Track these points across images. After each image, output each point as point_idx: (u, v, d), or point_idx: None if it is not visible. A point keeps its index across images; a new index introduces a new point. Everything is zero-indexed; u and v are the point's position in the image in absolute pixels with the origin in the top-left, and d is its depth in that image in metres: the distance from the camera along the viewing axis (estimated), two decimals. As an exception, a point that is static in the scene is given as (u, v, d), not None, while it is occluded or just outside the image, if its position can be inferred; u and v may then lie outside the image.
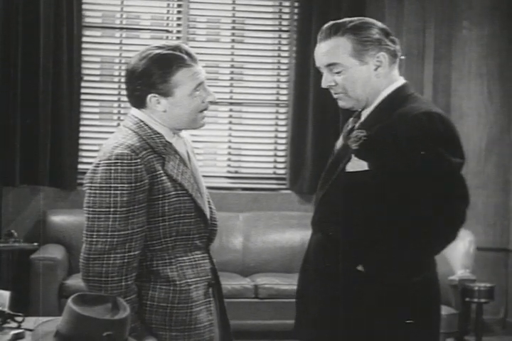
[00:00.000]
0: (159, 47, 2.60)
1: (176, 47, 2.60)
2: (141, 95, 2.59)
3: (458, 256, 6.00)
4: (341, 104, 2.72)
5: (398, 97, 2.67)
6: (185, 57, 2.59)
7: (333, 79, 2.68)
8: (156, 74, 2.57)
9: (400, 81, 2.72)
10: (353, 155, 2.62)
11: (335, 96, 2.72)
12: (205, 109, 2.65)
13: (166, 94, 2.58)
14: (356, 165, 2.61)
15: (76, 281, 5.63)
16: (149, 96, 2.59)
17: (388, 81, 2.69)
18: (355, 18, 2.69)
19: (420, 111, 2.57)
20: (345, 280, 2.61)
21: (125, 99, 2.69)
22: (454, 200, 2.54)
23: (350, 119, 2.77)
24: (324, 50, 2.68)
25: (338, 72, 2.66)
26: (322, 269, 2.69)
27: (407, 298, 2.60)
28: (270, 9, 7.01)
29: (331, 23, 2.69)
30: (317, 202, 2.76)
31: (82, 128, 6.66)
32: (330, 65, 2.67)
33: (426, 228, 2.54)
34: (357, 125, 2.71)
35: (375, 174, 2.58)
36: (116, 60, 6.83)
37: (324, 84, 2.71)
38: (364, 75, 2.66)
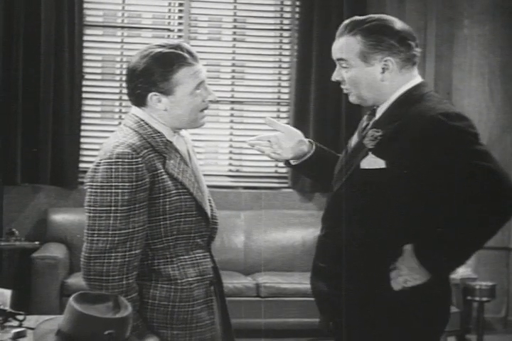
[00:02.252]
0: (161, 46, 2.60)
1: (178, 46, 2.60)
2: (141, 93, 2.59)
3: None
4: (350, 99, 2.74)
5: (413, 96, 2.66)
6: (187, 55, 2.59)
7: (340, 74, 2.70)
8: (157, 72, 2.57)
9: (416, 80, 2.70)
10: (369, 152, 2.62)
11: (344, 91, 2.74)
12: (206, 108, 2.65)
13: (166, 92, 2.59)
14: (373, 162, 2.61)
15: (77, 280, 5.63)
16: (150, 94, 2.59)
17: (398, 84, 2.66)
18: (376, 17, 2.68)
19: (438, 111, 2.56)
20: (350, 278, 2.61)
21: (126, 97, 2.69)
22: (501, 175, 2.53)
23: (365, 116, 2.78)
24: (337, 46, 2.70)
25: (345, 68, 2.68)
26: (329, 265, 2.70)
27: (414, 295, 2.60)
28: (271, 8, 7.00)
29: (350, 20, 2.69)
30: (329, 198, 2.76)
31: (83, 127, 6.66)
32: (339, 60, 2.69)
33: (474, 217, 2.52)
34: (371, 123, 2.71)
35: (392, 172, 2.58)
36: (118, 59, 6.83)
37: (333, 77, 2.73)
38: (369, 77, 2.66)
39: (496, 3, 6.82)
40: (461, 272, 5.96)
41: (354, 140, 2.76)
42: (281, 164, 6.99)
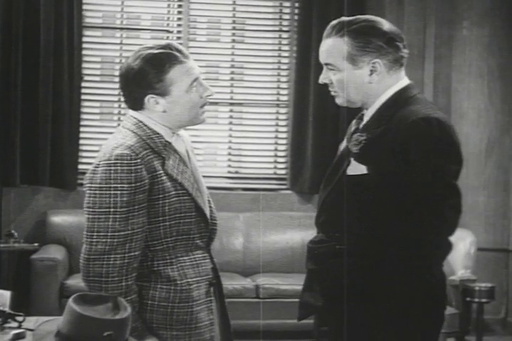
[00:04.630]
0: (150, 48, 2.60)
1: (166, 46, 2.61)
2: (138, 97, 2.59)
3: (459, 256, 6.01)
4: (337, 101, 2.74)
5: (400, 99, 2.64)
6: (177, 54, 2.59)
7: (328, 77, 2.69)
8: (150, 74, 2.57)
9: (403, 82, 2.69)
10: (352, 159, 2.62)
11: (332, 93, 2.73)
12: (205, 104, 2.65)
13: (163, 93, 2.58)
14: (356, 168, 2.60)
15: (76, 281, 5.63)
16: (147, 97, 2.59)
17: (385, 86, 2.65)
18: (363, 18, 2.66)
19: (419, 116, 2.53)
20: (346, 280, 2.62)
21: (125, 100, 2.69)
22: (445, 211, 2.52)
23: (354, 121, 2.77)
24: (324, 49, 2.68)
25: (333, 71, 2.67)
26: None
27: (409, 296, 2.60)
28: (271, 9, 7.01)
29: (338, 20, 2.67)
30: (320, 204, 2.76)
31: (82, 129, 6.66)
32: (326, 64, 2.68)
33: (416, 237, 2.52)
34: (359, 127, 2.70)
35: (373, 178, 2.57)
36: (117, 60, 6.83)
37: (320, 80, 2.72)
38: (357, 80, 2.65)
39: (495, 5, 6.83)
40: (461, 273, 5.97)
41: (343, 145, 2.76)
42: (280, 165, 7.02)
